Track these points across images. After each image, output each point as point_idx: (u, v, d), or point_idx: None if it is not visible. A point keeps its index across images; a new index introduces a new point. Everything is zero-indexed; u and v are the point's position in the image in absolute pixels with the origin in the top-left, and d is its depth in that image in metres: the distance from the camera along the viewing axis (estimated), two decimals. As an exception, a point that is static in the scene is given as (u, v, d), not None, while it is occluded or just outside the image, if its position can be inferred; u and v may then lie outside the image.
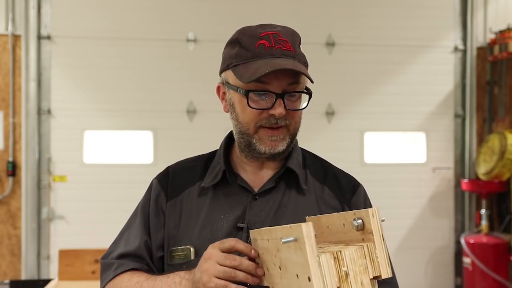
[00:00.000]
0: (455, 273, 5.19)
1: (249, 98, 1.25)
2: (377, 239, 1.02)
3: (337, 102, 5.02)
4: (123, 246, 1.35)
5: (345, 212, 1.11)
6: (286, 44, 1.27)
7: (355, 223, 1.04)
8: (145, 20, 4.84)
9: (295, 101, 1.28)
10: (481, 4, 5.21)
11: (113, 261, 1.34)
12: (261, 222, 1.27)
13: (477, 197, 5.17)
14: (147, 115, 4.84)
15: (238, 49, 1.29)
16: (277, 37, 1.27)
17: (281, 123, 1.26)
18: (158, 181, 1.38)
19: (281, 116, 1.25)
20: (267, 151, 1.28)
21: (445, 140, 5.23)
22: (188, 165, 1.41)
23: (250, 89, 1.25)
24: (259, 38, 1.27)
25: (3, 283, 4.59)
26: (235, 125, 1.32)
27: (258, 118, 1.26)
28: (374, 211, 1.03)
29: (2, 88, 4.72)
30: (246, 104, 1.26)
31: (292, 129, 1.29)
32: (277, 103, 1.24)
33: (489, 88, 5.23)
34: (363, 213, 1.04)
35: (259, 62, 1.24)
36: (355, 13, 5.09)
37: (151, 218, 1.35)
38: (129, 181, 4.72)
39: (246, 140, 1.30)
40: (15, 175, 4.70)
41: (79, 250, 3.36)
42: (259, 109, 1.25)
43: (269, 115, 1.25)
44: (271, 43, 1.26)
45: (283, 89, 1.25)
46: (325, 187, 1.36)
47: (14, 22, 4.71)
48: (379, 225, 1.03)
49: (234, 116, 1.31)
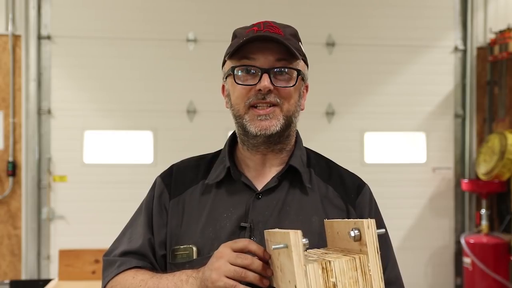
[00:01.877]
0: (455, 273, 5.19)
1: (235, 76, 1.26)
2: (371, 251, 1.00)
3: (337, 102, 5.02)
4: (126, 243, 1.34)
5: (351, 219, 1.09)
6: (276, 29, 1.27)
7: (352, 234, 1.02)
8: (145, 20, 4.84)
9: (285, 80, 1.27)
10: (481, 4, 5.21)
11: (116, 258, 1.32)
12: (265, 222, 1.26)
13: (477, 197, 5.17)
14: (147, 115, 4.84)
15: (232, 41, 1.31)
16: (267, 24, 1.28)
17: (269, 99, 1.25)
18: (161, 179, 1.38)
19: (266, 90, 1.23)
20: (258, 132, 1.26)
21: (445, 140, 5.23)
22: (192, 164, 1.40)
23: (236, 65, 1.26)
24: (251, 27, 1.29)
25: (3, 283, 4.59)
26: (231, 113, 1.31)
27: (246, 96, 1.26)
28: (369, 222, 1.01)
29: (2, 88, 4.72)
30: (235, 83, 1.26)
31: (285, 109, 1.27)
32: (263, 77, 1.23)
33: (489, 88, 5.23)
34: (359, 224, 1.02)
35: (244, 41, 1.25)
36: (355, 13, 5.09)
37: (154, 216, 1.33)
38: (129, 181, 4.72)
39: (240, 124, 1.29)
40: (15, 175, 4.70)
41: (79, 250, 3.35)
42: (245, 85, 1.25)
43: (256, 91, 1.24)
44: (260, 27, 1.27)
45: (270, 66, 1.25)
46: (329, 186, 1.34)
47: (14, 22, 4.71)
48: (374, 237, 1.00)
49: (230, 104, 1.32)
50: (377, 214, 1.36)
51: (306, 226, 1.26)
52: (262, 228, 1.25)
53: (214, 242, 1.25)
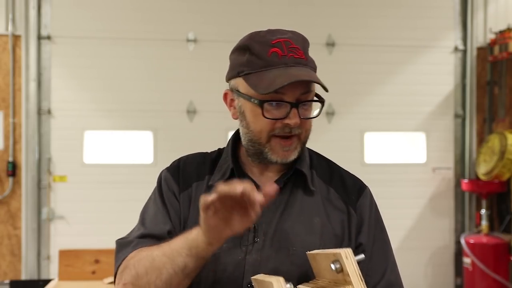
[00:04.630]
0: (455, 273, 5.19)
1: (265, 108, 1.24)
2: (355, 281, 1.00)
3: (337, 102, 5.01)
4: (143, 229, 1.31)
5: (330, 251, 1.09)
6: (298, 51, 1.26)
7: (333, 267, 1.02)
8: (145, 20, 4.84)
9: (307, 109, 1.28)
10: (481, 4, 5.21)
11: (132, 239, 1.29)
12: (268, 223, 1.27)
13: (477, 197, 5.17)
14: (147, 115, 4.84)
15: (249, 57, 1.27)
16: (289, 44, 1.26)
17: (294, 132, 1.26)
18: (169, 173, 1.36)
19: (296, 126, 1.25)
20: (279, 161, 1.28)
21: (445, 140, 5.23)
22: (198, 159, 1.39)
23: (265, 99, 1.24)
24: (270, 46, 1.25)
25: (3, 283, 4.59)
26: (245, 133, 1.30)
27: (272, 128, 1.25)
28: (347, 252, 1.01)
29: (2, 88, 4.72)
30: (259, 114, 1.24)
31: (303, 137, 1.29)
32: (292, 113, 1.24)
33: (489, 88, 5.23)
34: (338, 255, 1.02)
35: (273, 72, 1.22)
36: (355, 13, 5.09)
37: (168, 206, 1.32)
38: (129, 181, 4.72)
39: (257, 149, 1.29)
40: (15, 175, 4.70)
41: (79, 250, 3.35)
42: (275, 119, 1.25)
43: (283, 124, 1.24)
44: (284, 51, 1.24)
45: (296, 98, 1.24)
46: (330, 188, 1.35)
47: (14, 22, 4.71)
48: (354, 266, 1.01)
49: (244, 124, 1.30)
50: (377, 216, 1.37)
51: (308, 227, 1.28)
52: (265, 229, 1.26)
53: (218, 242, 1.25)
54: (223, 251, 1.24)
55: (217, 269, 1.24)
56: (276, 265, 1.22)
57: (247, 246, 1.25)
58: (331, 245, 1.24)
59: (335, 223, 1.30)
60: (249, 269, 1.23)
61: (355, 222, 1.31)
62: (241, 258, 1.25)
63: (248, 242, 1.25)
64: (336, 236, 1.28)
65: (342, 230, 1.30)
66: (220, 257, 1.24)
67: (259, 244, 1.25)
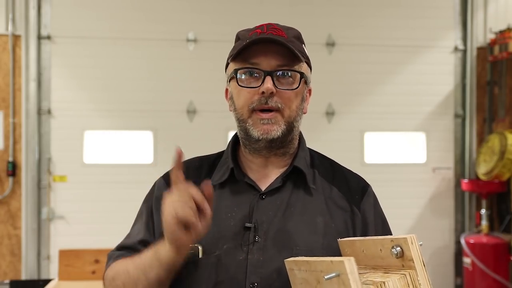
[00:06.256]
0: (455, 273, 5.19)
1: (238, 78, 1.27)
2: (419, 266, 1.02)
3: (337, 102, 5.02)
4: (125, 239, 1.37)
5: (381, 237, 1.10)
6: (280, 31, 1.28)
7: (394, 251, 1.04)
8: (145, 20, 4.84)
9: (288, 84, 1.27)
10: (481, 4, 5.21)
11: (114, 252, 1.35)
12: (269, 222, 1.27)
13: (477, 197, 5.17)
14: (147, 115, 4.84)
15: (235, 43, 1.32)
16: (271, 26, 1.29)
17: (271, 104, 1.25)
18: (164, 180, 1.37)
19: (269, 92, 1.24)
20: (260, 136, 1.26)
21: (445, 140, 5.23)
22: (194, 164, 1.39)
23: (239, 68, 1.27)
24: (254, 29, 1.29)
25: (3, 283, 4.59)
26: (234, 116, 1.32)
27: (250, 100, 1.26)
28: (412, 238, 1.03)
29: (2, 88, 4.72)
30: (240, 89, 1.27)
31: (286, 115, 1.27)
32: (266, 80, 1.24)
33: (489, 88, 5.23)
34: (401, 241, 1.04)
35: (247, 43, 1.26)
36: (355, 13, 5.09)
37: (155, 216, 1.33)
38: (129, 181, 4.72)
39: (243, 128, 1.29)
40: (15, 175, 4.70)
41: (79, 250, 3.35)
42: (248, 87, 1.26)
43: (260, 95, 1.25)
44: (263, 30, 1.27)
45: (273, 69, 1.25)
46: (333, 187, 1.34)
47: (14, 22, 4.71)
48: (419, 252, 1.03)
49: (233, 108, 1.32)
50: (381, 215, 1.37)
51: (311, 226, 1.27)
52: (266, 228, 1.26)
53: (219, 241, 1.25)
54: (223, 252, 1.24)
55: (219, 270, 1.24)
56: (280, 265, 1.21)
57: (248, 246, 1.24)
58: (334, 244, 1.24)
59: (338, 222, 1.29)
60: (251, 269, 1.23)
61: (359, 221, 1.31)
62: (242, 258, 1.24)
63: (249, 241, 1.25)
64: (340, 235, 1.28)
65: (345, 229, 1.29)
66: (221, 258, 1.24)
67: (260, 243, 1.25)
